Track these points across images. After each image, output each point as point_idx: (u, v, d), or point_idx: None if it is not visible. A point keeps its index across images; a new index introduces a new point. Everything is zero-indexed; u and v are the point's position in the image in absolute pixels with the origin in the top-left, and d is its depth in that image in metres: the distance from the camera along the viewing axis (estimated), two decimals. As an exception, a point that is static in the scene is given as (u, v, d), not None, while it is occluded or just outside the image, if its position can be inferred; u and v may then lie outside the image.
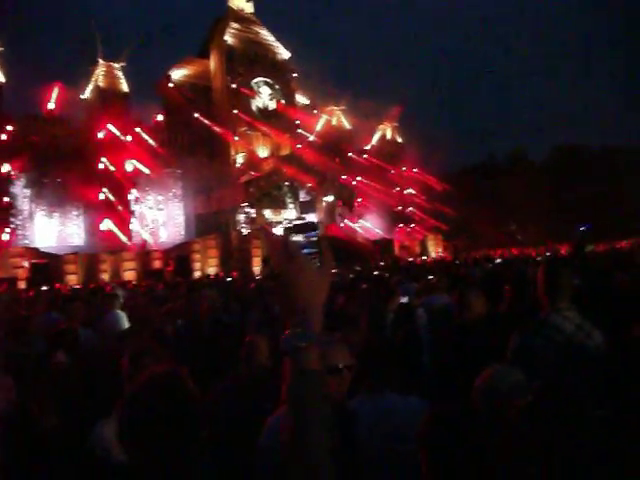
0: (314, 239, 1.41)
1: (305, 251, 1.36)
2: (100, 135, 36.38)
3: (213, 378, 4.13)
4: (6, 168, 33.38)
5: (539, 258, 18.52)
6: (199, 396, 1.78)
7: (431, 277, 10.39)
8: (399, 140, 53.57)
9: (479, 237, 48.46)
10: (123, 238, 36.14)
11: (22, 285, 26.48)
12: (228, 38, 43.13)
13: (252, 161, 42.49)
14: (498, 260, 18.62)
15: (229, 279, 21.93)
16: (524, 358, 3.17)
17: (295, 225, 1.47)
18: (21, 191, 35.55)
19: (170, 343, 5.78)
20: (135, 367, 3.12)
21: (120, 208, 36.39)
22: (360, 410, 2.97)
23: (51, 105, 36.23)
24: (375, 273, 16.70)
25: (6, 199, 33.28)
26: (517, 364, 2.96)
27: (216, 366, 4.85)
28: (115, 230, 36.01)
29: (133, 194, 37.74)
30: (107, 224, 35.78)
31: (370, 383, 3.20)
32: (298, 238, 1.41)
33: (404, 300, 7.19)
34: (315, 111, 49.93)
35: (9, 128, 33.87)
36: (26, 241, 34.61)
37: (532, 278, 5.25)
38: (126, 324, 7.39)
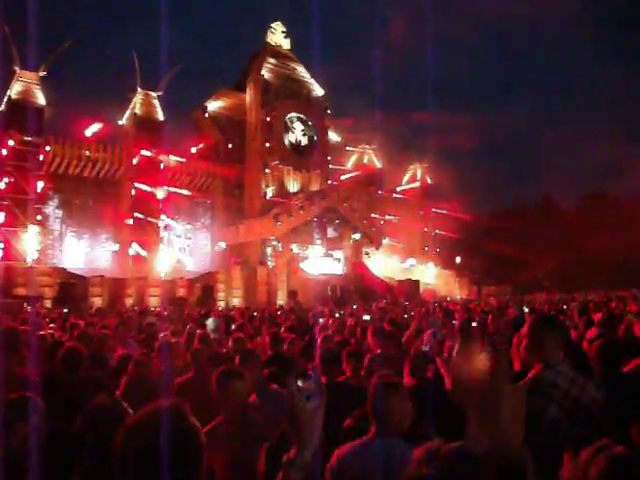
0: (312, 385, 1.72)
1: (306, 394, 1.68)
2: (134, 161, 36.71)
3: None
4: (40, 187, 33.78)
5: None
6: (199, 433, 1.75)
7: (454, 322, 10.16)
8: (429, 180, 53.48)
9: (505, 282, 47.82)
10: (150, 264, 36.20)
11: (47, 304, 26.54)
12: (265, 73, 43.67)
13: (282, 195, 42.58)
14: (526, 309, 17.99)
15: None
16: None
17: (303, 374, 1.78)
18: (53, 212, 36.09)
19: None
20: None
21: (149, 234, 36.54)
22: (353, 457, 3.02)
23: (89, 132, 36.69)
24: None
25: (38, 217, 33.61)
26: None
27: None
28: (142, 255, 36.11)
29: (162, 221, 37.97)
30: (135, 249, 35.89)
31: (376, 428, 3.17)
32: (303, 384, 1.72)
33: (425, 349, 6.89)
34: (347, 148, 50.31)
35: (47, 149, 34.42)
36: (54, 261, 34.96)
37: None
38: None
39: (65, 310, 21.07)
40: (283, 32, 46.48)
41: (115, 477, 1.65)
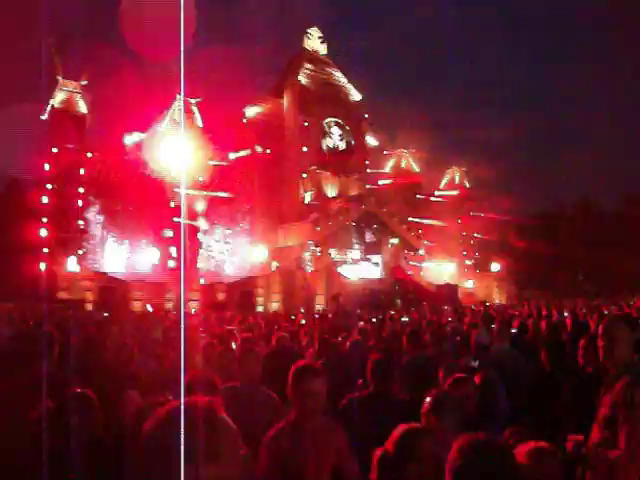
0: None
1: None
2: (173, 166, 37.10)
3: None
4: (82, 194, 34.46)
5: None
6: (233, 430, 1.62)
7: (493, 326, 9.97)
8: (467, 184, 52.93)
9: (547, 286, 47.00)
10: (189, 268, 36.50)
11: (89, 307, 26.98)
12: (302, 78, 43.83)
13: (320, 200, 42.62)
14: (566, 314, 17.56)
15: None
16: None
17: None
18: (94, 217, 36.70)
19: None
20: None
21: (189, 239, 36.84)
22: None
23: (129, 140, 37.17)
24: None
25: (81, 223, 34.26)
26: None
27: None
28: (181, 260, 36.42)
29: (202, 226, 38.26)
30: (174, 254, 36.22)
31: None
32: None
33: (475, 364, 6.67)
34: (385, 152, 50.14)
35: (89, 156, 35.04)
36: (96, 265, 35.54)
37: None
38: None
39: (105, 314, 21.36)
40: (320, 37, 46.58)
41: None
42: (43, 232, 31.76)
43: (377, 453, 2.61)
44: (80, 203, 34.51)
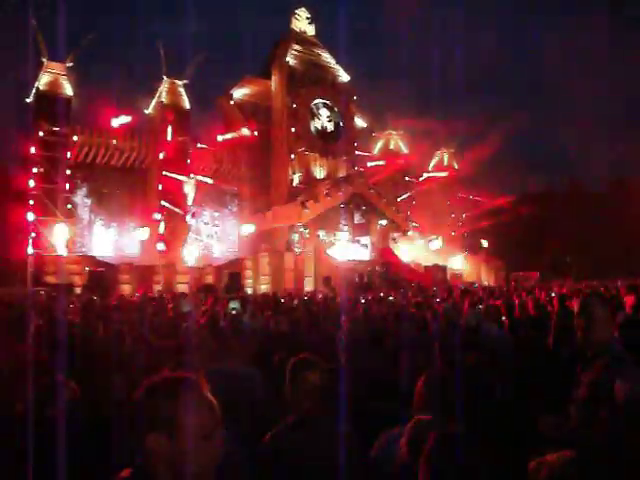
0: None
1: None
2: (161, 149, 36.93)
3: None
4: (69, 177, 34.21)
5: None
6: (212, 405, 1.70)
7: (480, 307, 10.05)
8: (456, 166, 52.94)
9: (533, 267, 47.21)
10: (178, 251, 36.44)
11: (77, 291, 26.92)
12: (290, 59, 43.58)
13: (308, 182, 42.56)
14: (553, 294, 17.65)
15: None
16: None
17: None
18: (82, 200, 36.57)
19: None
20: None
21: (177, 222, 36.77)
22: None
23: (116, 122, 36.83)
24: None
25: (69, 206, 34.06)
26: None
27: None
28: (171, 243, 36.37)
29: (190, 209, 38.17)
30: (163, 236, 36.13)
31: None
32: None
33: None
34: (373, 134, 50.08)
35: (75, 139, 34.81)
36: (84, 249, 35.45)
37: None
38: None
39: (94, 297, 21.26)
40: (308, 18, 46.27)
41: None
42: (30, 216, 31.62)
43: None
44: (67, 186, 34.24)
